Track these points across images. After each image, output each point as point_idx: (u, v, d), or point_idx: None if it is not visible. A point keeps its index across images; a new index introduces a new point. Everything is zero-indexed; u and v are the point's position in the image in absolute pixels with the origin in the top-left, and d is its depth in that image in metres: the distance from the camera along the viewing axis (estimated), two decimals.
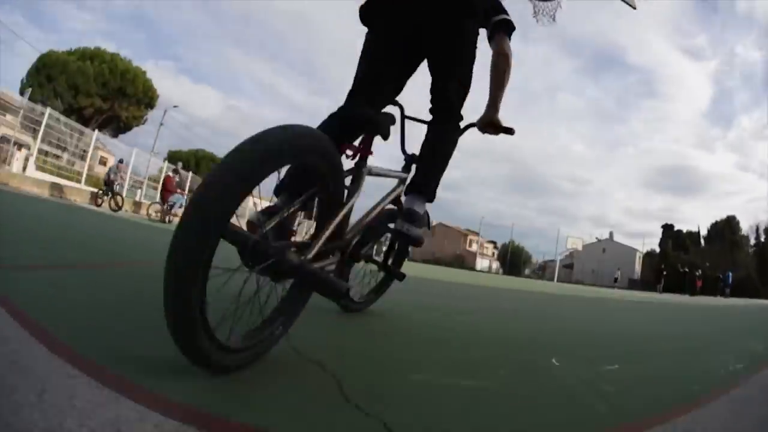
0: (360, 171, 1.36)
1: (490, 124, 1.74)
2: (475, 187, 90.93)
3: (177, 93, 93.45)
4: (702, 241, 43.01)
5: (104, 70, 29.37)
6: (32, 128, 16.61)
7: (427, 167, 1.65)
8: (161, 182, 14.00)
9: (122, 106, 30.46)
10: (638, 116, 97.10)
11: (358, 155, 1.37)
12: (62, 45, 77.11)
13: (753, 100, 79.99)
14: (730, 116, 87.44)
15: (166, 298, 0.79)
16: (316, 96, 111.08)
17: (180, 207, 12.66)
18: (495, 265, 48.13)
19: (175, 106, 31.68)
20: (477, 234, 47.28)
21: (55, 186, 13.01)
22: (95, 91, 29.30)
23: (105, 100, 29.91)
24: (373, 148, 1.41)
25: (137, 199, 17.42)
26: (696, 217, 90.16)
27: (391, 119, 1.49)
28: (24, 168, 15.93)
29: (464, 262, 42.00)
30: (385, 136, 1.44)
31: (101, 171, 23.24)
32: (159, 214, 12.94)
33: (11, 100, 29.76)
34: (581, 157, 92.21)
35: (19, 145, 18.03)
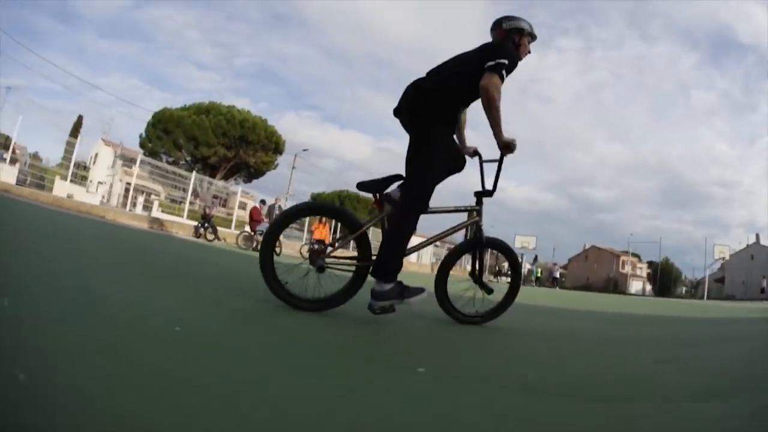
0: (378, 213, 2.23)
1: (503, 147, 2.17)
2: (630, 205, 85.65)
3: (325, 140, 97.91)
4: None
5: (221, 121, 28.41)
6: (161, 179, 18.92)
7: (380, 252, 2.07)
8: (249, 213, 14.34)
9: (248, 153, 29.18)
10: (766, 99, 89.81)
11: (376, 205, 2.24)
12: (192, 102, 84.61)
13: None
14: None
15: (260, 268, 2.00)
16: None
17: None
18: (649, 286, 43.29)
19: (305, 150, 30.68)
20: (630, 254, 42.86)
21: (154, 220, 14.59)
22: (215, 141, 28.08)
23: (229, 149, 28.55)
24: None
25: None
26: None
27: (381, 183, 2.20)
28: (150, 210, 17.73)
29: (617, 285, 37.90)
30: (379, 191, 2.21)
31: (241, 214, 23.20)
32: (247, 243, 12.91)
33: (134, 155, 28.73)
34: (726, 157, 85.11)
35: (148, 193, 20.85)
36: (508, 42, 2.23)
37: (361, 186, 2.22)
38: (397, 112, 2.24)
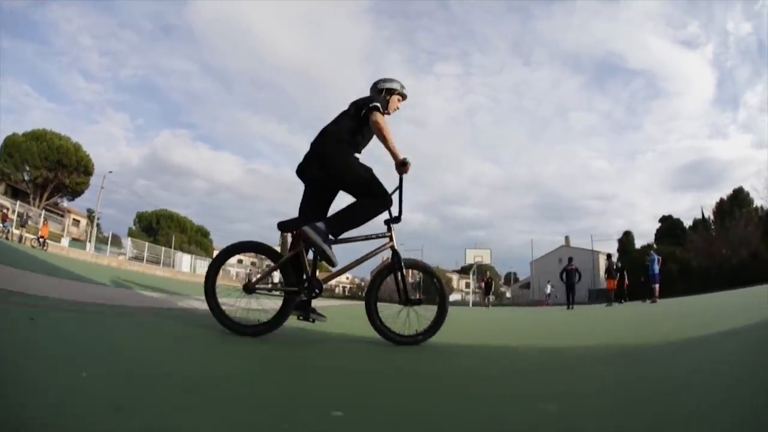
0: (295, 247, 2.60)
1: (400, 166, 2.61)
2: (504, 221, 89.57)
3: (196, 160, 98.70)
4: (712, 226, 35.60)
5: (44, 147, 34.11)
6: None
7: (339, 211, 2.59)
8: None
9: (64, 175, 34.91)
10: (650, 119, 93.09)
11: (294, 241, 2.62)
12: (74, 116, 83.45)
13: (754, 73, 73.95)
14: (736, 96, 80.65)
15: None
16: None
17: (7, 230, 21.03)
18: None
19: (110, 172, 35.97)
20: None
21: None
22: (40, 164, 34.19)
23: (50, 171, 34.57)
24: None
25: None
26: None
27: (299, 221, 2.59)
28: None
29: None
30: (297, 228, 2.54)
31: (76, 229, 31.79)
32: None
33: None
34: (603, 173, 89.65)
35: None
36: (379, 96, 2.80)
37: (282, 226, 2.61)
38: (301, 170, 2.72)
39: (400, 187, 2.64)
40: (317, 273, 2.58)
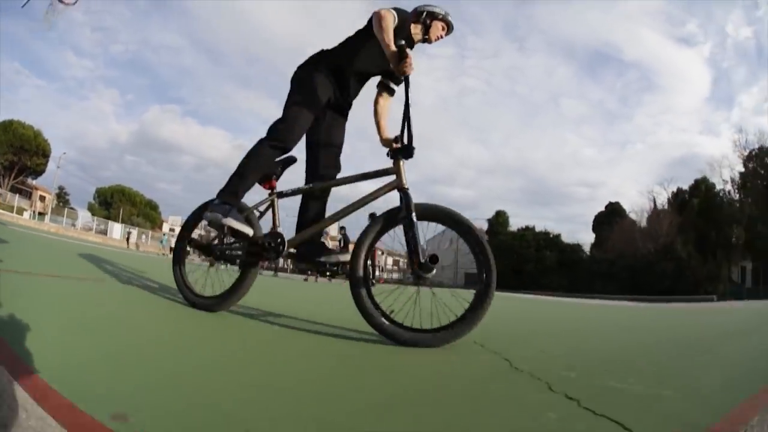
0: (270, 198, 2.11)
1: (396, 64, 1.89)
2: (489, 203, 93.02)
3: (184, 135, 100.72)
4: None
5: (9, 136, 41.40)
6: None
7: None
8: None
9: (26, 158, 42.25)
10: (643, 111, 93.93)
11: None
12: (65, 92, 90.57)
13: (751, 76, 73.51)
14: (731, 96, 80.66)
15: None
16: None
17: None
18: None
19: (64, 153, 42.87)
20: None
21: None
22: (7, 150, 41.59)
23: (15, 155, 41.94)
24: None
25: None
26: None
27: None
28: None
29: None
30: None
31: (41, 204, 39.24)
32: None
33: None
34: (592, 161, 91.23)
35: None
36: (419, 19, 2.21)
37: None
38: None
39: (406, 102, 1.82)
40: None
